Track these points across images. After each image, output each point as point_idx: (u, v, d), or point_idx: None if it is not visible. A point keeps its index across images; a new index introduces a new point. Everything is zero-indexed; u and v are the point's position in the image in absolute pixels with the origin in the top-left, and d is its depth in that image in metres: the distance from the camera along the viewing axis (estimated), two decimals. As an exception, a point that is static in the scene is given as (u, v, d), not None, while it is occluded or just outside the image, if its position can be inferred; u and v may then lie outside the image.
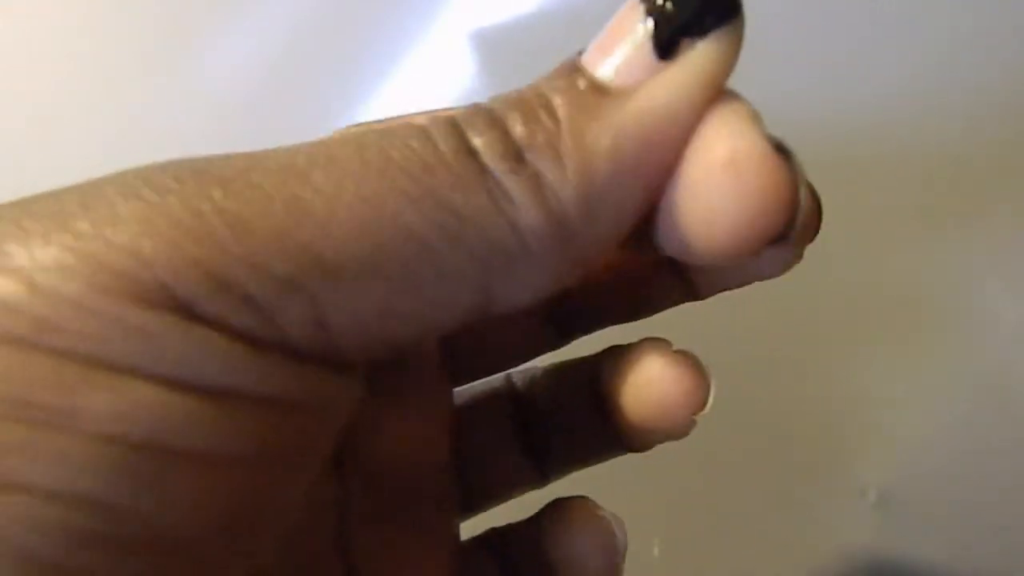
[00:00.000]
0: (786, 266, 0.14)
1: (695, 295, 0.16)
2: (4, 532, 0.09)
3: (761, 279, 0.15)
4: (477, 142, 0.11)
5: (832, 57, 0.30)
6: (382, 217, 0.10)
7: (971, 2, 0.29)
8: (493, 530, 0.18)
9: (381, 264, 0.10)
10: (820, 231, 0.14)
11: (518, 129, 0.11)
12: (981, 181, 0.29)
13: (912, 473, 0.27)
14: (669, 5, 0.11)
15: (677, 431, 0.15)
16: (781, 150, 0.11)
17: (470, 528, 0.18)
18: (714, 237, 0.11)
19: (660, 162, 0.11)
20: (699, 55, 0.11)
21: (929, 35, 0.29)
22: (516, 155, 0.11)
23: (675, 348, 0.15)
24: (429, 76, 0.33)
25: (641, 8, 0.11)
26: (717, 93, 0.11)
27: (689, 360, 0.15)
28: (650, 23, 0.11)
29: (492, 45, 0.33)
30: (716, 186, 0.11)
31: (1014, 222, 0.28)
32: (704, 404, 0.15)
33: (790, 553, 0.28)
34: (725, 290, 0.16)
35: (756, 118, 0.11)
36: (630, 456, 0.18)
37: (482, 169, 0.11)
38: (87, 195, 0.10)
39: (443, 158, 0.11)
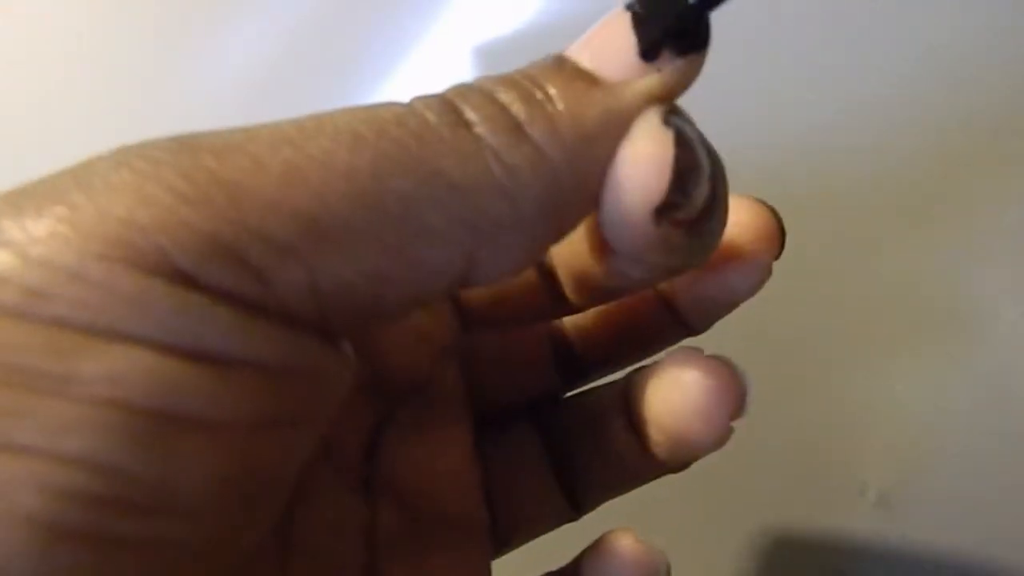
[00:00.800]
0: (758, 283, 0.15)
1: (690, 330, 0.17)
2: (5, 492, 0.09)
3: (739, 297, 0.16)
4: (472, 116, 0.11)
5: (829, 59, 0.30)
6: (376, 185, 0.11)
7: (970, 0, 0.29)
8: None
9: (375, 230, 0.11)
10: (819, 232, 0.14)
11: (516, 106, 0.11)
12: (981, 181, 0.29)
13: (912, 473, 0.27)
14: (652, 17, 0.12)
15: (714, 440, 0.15)
16: (672, 127, 0.12)
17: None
18: (619, 202, 0.12)
19: None
20: (679, 67, 0.12)
21: (927, 34, 0.29)
22: (516, 129, 0.11)
23: (707, 354, 0.15)
24: (427, 87, 0.33)
25: (627, 17, 0.12)
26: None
27: (723, 364, 0.15)
28: (634, 29, 0.12)
29: (491, 59, 0.33)
30: (618, 159, 0.12)
31: (1014, 222, 0.28)
32: (742, 408, 0.15)
33: (790, 552, 0.28)
34: (715, 319, 0.16)
35: (661, 107, 0.12)
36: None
37: (478, 140, 0.11)
38: (79, 171, 0.10)
39: (437, 130, 0.11)
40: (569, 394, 0.19)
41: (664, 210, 0.12)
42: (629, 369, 0.17)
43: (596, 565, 0.16)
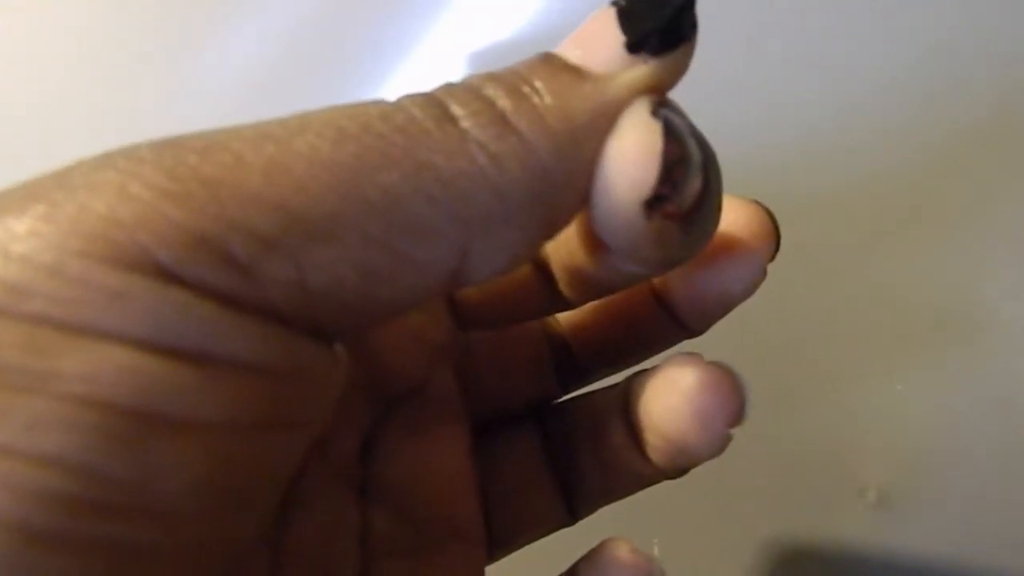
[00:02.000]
0: (754, 283, 0.15)
1: (688, 331, 0.17)
2: None
3: (735, 297, 0.15)
4: (458, 110, 0.11)
5: (829, 59, 0.30)
6: (361, 178, 0.10)
7: (969, 1, 0.29)
8: None
9: (361, 223, 0.11)
10: (818, 233, 0.14)
11: (502, 100, 0.11)
12: (980, 183, 0.29)
13: (912, 473, 0.27)
14: (638, 10, 0.12)
15: (713, 447, 0.15)
16: (660, 118, 0.12)
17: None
18: (608, 196, 0.12)
19: None
20: (666, 59, 0.12)
21: (928, 34, 0.29)
22: (502, 122, 0.11)
23: (707, 360, 0.15)
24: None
25: (612, 11, 0.12)
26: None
27: (722, 371, 0.15)
28: (619, 23, 0.12)
29: (488, 64, 0.33)
30: (606, 152, 0.12)
31: (1013, 223, 0.28)
32: (741, 415, 0.15)
33: (790, 553, 0.28)
34: (713, 320, 0.16)
35: (650, 98, 0.12)
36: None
37: (464, 134, 0.11)
38: (63, 172, 0.10)
39: (422, 125, 0.11)
40: (568, 397, 0.18)
41: (654, 203, 0.12)
42: (628, 372, 0.17)
43: (592, 574, 0.16)
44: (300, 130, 0.11)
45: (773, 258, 0.15)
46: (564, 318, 0.18)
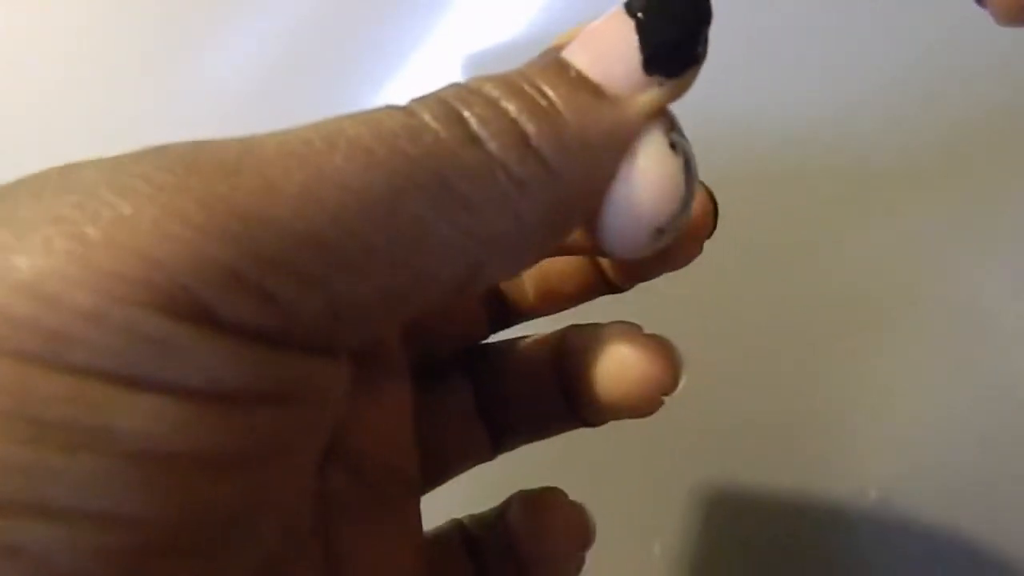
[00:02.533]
0: (689, 259, 0.16)
1: (617, 290, 0.18)
2: (42, 559, 0.09)
3: (669, 270, 0.16)
4: (480, 131, 0.11)
5: (829, 56, 0.30)
6: (392, 206, 0.10)
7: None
8: (457, 521, 0.18)
9: (391, 249, 0.11)
10: (817, 229, 0.15)
11: (524, 118, 0.11)
12: (982, 179, 0.29)
13: (912, 473, 0.27)
14: (655, 24, 0.12)
15: (645, 412, 0.16)
16: (677, 150, 0.12)
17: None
18: (622, 219, 0.12)
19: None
20: (679, 82, 0.12)
21: (929, 31, 0.29)
22: (524, 143, 0.11)
23: (646, 332, 0.16)
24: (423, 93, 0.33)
25: (631, 23, 0.12)
26: None
27: (659, 343, 0.16)
28: (638, 38, 0.12)
29: (485, 67, 0.33)
30: (626, 179, 0.12)
31: (1013, 223, 0.28)
32: (673, 386, 0.16)
33: (790, 553, 0.28)
34: (639, 282, 0.17)
35: (664, 126, 0.12)
36: (631, 457, 0.18)
37: (490, 157, 0.11)
38: (79, 194, 0.10)
39: (447, 145, 0.11)
40: (497, 340, 0.19)
41: (665, 227, 0.12)
42: (555, 321, 0.18)
43: (533, 526, 0.17)
44: (327, 150, 0.10)
45: (710, 235, 0.16)
46: None
